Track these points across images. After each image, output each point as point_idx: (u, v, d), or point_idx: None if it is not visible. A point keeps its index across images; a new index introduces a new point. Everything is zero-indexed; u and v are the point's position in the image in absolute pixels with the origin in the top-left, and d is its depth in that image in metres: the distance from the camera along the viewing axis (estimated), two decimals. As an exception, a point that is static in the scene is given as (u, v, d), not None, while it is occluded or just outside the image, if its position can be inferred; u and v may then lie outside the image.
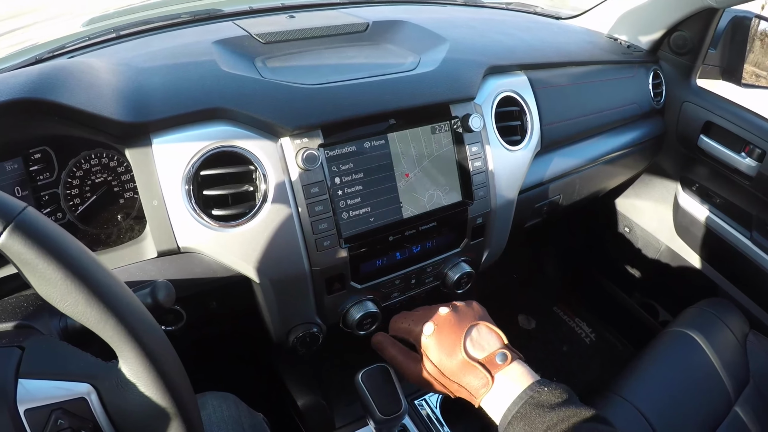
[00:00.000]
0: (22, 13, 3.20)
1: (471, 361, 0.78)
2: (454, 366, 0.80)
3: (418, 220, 1.08)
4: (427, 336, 0.84)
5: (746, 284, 1.72)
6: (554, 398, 0.73)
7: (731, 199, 1.69)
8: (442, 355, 0.81)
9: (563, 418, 0.70)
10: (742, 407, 1.33)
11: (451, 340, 0.81)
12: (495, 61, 1.24)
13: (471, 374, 0.78)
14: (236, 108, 0.93)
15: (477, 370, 0.78)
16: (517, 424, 0.73)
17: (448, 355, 0.80)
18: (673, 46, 1.68)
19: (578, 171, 1.48)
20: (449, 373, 0.80)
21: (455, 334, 0.81)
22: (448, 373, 0.80)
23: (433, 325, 0.84)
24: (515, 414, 0.74)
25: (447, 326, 0.83)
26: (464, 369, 0.79)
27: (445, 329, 0.83)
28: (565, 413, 0.71)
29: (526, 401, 0.74)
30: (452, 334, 0.82)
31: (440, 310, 0.86)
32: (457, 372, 0.79)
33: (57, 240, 0.53)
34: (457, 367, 0.79)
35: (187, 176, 0.91)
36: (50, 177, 0.94)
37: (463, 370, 0.79)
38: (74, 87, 0.87)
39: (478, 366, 0.78)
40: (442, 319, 0.85)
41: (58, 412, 0.56)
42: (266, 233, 0.94)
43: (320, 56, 1.18)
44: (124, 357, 0.56)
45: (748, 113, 1.57)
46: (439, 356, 0.81)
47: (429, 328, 0.84)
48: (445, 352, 0.81)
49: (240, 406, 1.04)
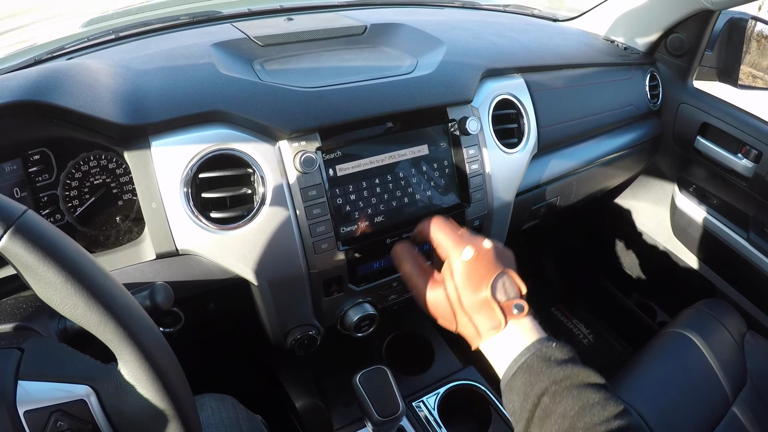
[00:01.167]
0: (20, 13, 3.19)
1: (492, 301, 0.77)
2: (475, 299, 0.78)
3: (415, 222, 1.07)
4: (464, 260, 0.80)
5: (743, 285, 1.73)
6: (561, 354, 0.72)
7: (728, 200, 1.70)
8: (468, 285, 0.78)
9: (568, 375, 0.70)
10: (740, 407, 1.34)
11: (483, 273, 0.78)
12: (492, 63, 1.24)
13: (487, 313, 0.77)
14: (234, 111, 0.93)
15: (494, 312, 0.76)
16: (522, 374, 0.72)
17: (475, 287, 0.78)
18: (669, 47, 1.69)
19: (575, 173, 1.48)
20: (467, 304, 0.78)
21: (488, 270, 0.79)
22: (465, 304, 0.78)
23: (473, 252, 0.80)
24: (521, 365, 0.73)
25: (485, 259, 0.80)
26: (483, 306, 0.77)
27: (482, 261, 0.79)
28: (570, 370, 0.70)
29: (533, 353, 0.73)
30: (486, 268, 0.79)
31: (485, 242, 0.82)
32: (475, 306, 0.78)
33: (57, 243, 0.53)
34: (477, 301, 0.77)
35: (186, 179, 0.91)
36: (49, 178, 0.95)
37: (481, 306, 0.77)
38: (73, 89, 0.87)
39: (496, 307, 0.76)
40: (484, 252, 0.80)
41: (57, 414, 0.56)
42: (264, 236, 0.95)
43: (318, 59, 1.18)
44: (123, 359, 0.56)
45: (745, 114, 1.58)
46: (464, 284, 0.79)
47: (469, 253, 0.80)
48: (472, 283, 0.78)
49: (238, 408, 1.05)
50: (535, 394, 0.70)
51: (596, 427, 0.65)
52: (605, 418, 0.66)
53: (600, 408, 0.67)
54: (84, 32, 1.37)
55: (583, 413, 0.66)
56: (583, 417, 0.66)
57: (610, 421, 0.66)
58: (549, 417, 0.68)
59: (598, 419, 0.66)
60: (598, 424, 0.65)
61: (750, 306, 1.71)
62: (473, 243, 0.81)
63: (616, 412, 0.67)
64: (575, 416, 0.66)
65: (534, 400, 0.70)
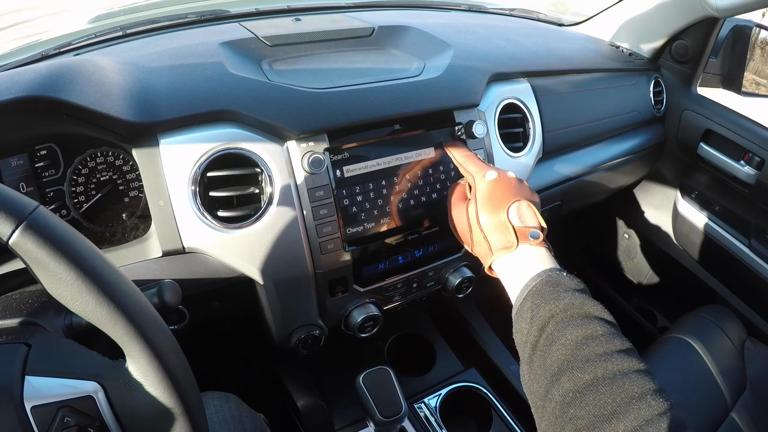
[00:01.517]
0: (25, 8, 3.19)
1: (508, 223, 0.80)
2: (491, 220, 0.82)
3: (421, 224, 1.09)
4: (487, 180, 0.86)
5: (744, 291, 1.73)
6: (572, 284, 0.73)
7: (730, 206, 1.70)
8: (487, 204, 0.83)
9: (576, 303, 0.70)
10: (739, 413, 1.34)
11: (502, 196, 0.83)
12: (499, 68, 1.24)
13: (500, 233, 0.80)
14: (243, 111, 0.94)
15: (508, 232, 0.80)
16: (530, 299, 0.73)
17: (493, 207, 0.82)
18: (674, 54, 1.69)
19: (579, 177, 1.48)
20: (483, 222, 0.82)
21: (508, 194, 0.83)
22: (482, 221, 0.83)
23: (496, 175, 0.86)
24: (531, 289, 0.74)
25: (506, 185, 0.85)
26: (498, 227, 0.81)
27: (503, 185, 0.85)
28: (578, 299, 0.70)
29: (543, 279, 0.74)
30: (506, 192, 0.84)
31: (509, 172, 0.89)
32: (490, 226, 0.82)
33: (68, 239, 0.53)
34: (492, 222, 0.82)
35: (194, 177, 0.91)
36: (55, 174, 0.95)
37: (496, 227, 0.81)
38: (83, 86, 0.87)
39: (510, 229, 0.79)
40: (506, 177, 0.87)
41: (65, 410, 0.56)
42: (271, 235, 0.95)
43: (326, 60, 1.18)
44: (133, 356, 0.56)
45: (748, 121, 1.58)
46: (484, 203, 0.84)
47: (491, 174, 0.87)
48: (492, 203, 0.83)
49: (241, 407, 1.05)
50: (541, 320, 0.70)
51: (598, 358, 0.64)
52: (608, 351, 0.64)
53: (604, 340, 0.66)
54: (91, 28, 1.38)
55: (586, 343, 0.66)
56: (585, 347, 0.65)
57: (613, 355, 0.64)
58: (552, 345, 0.68)
59: (601, 351, 0.65)
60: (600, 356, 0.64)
61: (750, 312, 1.71)
62: (498, 169, 0.89)
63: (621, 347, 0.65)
64: (577, 346, 0.66)
65: (539, 326, 0.70)
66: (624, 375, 0.62)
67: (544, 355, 0.68)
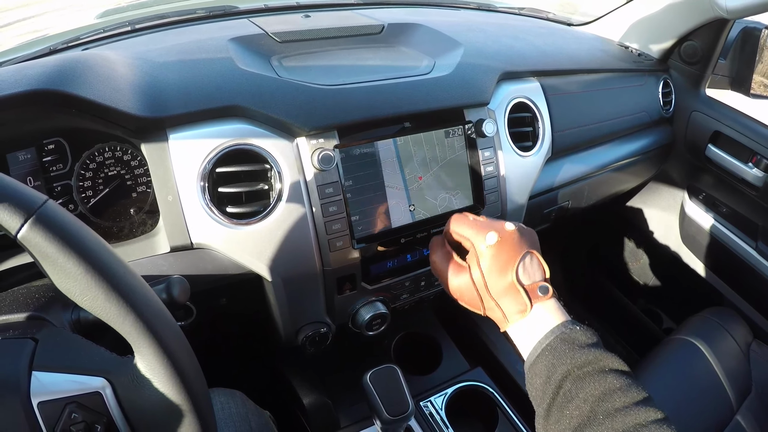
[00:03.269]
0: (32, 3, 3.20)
1: (518, 285, 0.77)
2: (500, 284, 0.78)
3: (430, 223, 1.08)
4: (488, 245, 0.80)
5: (750, 294, 1.72)
6: (585, 338, 0.72)
7: (737, 208, 1.69)
8: (493, 270, 0.78)
9: (591, 360, 0.69)
10: (744, 416, 1.34)
11: (508, 257, 0.78)
12: (509, 66, 1.24)
13: (513, 297, 0.77)
14: (253, 107, 0.93)
15: (519, 295, 0.77)
16: (545, 357, 0.72)
17: (500, 272, 0.78)
18: (683, 55, 1.68)
19: (587, 177, 1.48)
20: (493, 289, 0.79)
21: (513, 253, 0.79)
22: (491, 288, 0.79)
23: (496, 237, 0.80)
24: (545, 347, 0.73)
25: (509, 243, 0.80)
26: (509, 290, 0.77)
27: (506, 245, 0.80)
28: (593, 354, 0.70)
29: (557, 336, 0.73)
30: (511, 251, 0.79)
31: (506, 224, 0.83)
32: (501, 291, 0.78)
33: (78, 234, 0.53)
34: (503, 285, 0.78)
35: (203, 173, 0.91)
36: (63, 168, 0.94)
37: (507, 290, 0.78)
38: (92, 80, 0.87)
39: (522, 291, 0.77)
40: (507, 234, 0.81)
41: (72, 406, 0.56)
42: (280, 232, 0.95)
43: (336, 57, 1.18)
44: (141, 353, 0.56)
45: (756, 124, 1.57)
46: (490, 269, 0.79)
47: (492, 238, 0.80)
48: (498, 267, 0.78)
49: (247, 404, 1.05)
50: (557, 377, 0.69)
51: (617, 412, 0.64)
52: (626, 404, 0.65)
53: (621, 394, 0.66)
54: (99, 23, 1.37)
55: (605, 399, 0.66)
56: (605, 402, 0.65)
57: (631, 408, 0.64)
58: (570, 402, 0.67)
59: (620, 405, 0.65)
60: (619, 410, 0.64)
61: (756, 315, 1.70)
62: (495, 228, 0.82)
63: (638, 398, 0.65)
64: (596, 402, 0.66)
65: (556, 383, 0.69)
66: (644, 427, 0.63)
67: (561, 411, 0.68)
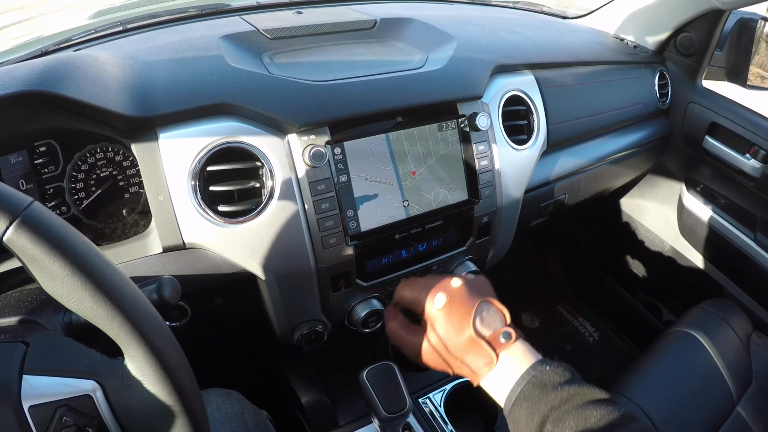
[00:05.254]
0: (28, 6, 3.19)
1: (478, 338, 0.74)
2: (460, 342, 0.75)
3: (425, 218, 1.08)
4: (437, 309, 0.79)
5: (750, 285, 1.72)
6: (557, 377, 0.71)
7: (736, 200, 1.69)
8: (449, 330, 0.76)
9: (566, 397, 0.68)
10: (745, 408, 1.33)
11: (461, 314, 0.76)
12: (502, 60, 1.23)
13: (476, 352, 0.75)
14: (243, 104, 0.93)
15: (482, 348, 0.74)
16: (520, 405, 0.70)
17: (456, 331, 0.76)
18: (679, 47, 1.68)
19: (584, 170, 1.47)
20: (454, 349, 0.76)
21: (465, 309, 0.76)
22: (452, 349, 0.76)
23: (445, 298, 0.78)
24: (518, 395, 0.71)
25: (458, 300, 0.78)
26: (470, 346, 0.75)
27: (456, 303, 0.77)
28: (568, 392, 0.68)
29: (528, 381, 0.71)
30: (462, 308, 0.76)
31: (452, 281, 0.80)
32: (462, 348, 0.75)
33: (64, 236, 0.52)
34: (463, 343, 0.75)
35: (194, 172, 0.90)
36: (55, 170, 0.94)
37: (468, 346, 0.75)
38: (81, 80, 0.86)
39: (483, 343, 0.74)
40: (455, 292, 0.79)
41: (63, 409, 0.55)
42: (272, 230, 0.94)
43: (328, 53, 1.17)
44: (131, 354, 0.55)
45: (754, 115, 1.57)
46: (446, 331, 0.77)
47: (441, 300, 0.78)
48: (453, 327, 0.76)
49: (244, 404, 1.04)
50: (536, 423, 0.68)
51: None
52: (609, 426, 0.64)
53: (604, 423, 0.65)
54: (91, 24, 1.36)
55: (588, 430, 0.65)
56: None
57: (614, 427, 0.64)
58: None
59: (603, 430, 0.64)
60: None
61: (756, 306, 1.70)
62: (442, 288, 0.80)
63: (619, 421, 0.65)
64: None
65: (536, 428, 0.68)
66: None
67: None
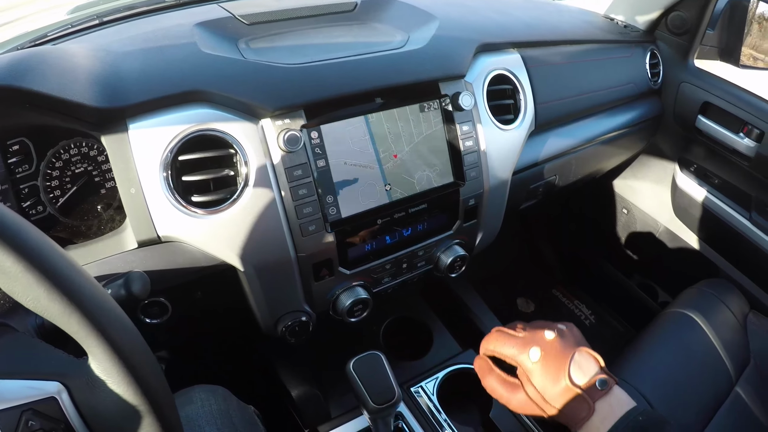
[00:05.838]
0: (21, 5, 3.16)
1: (574, 388, 0.78)
2: (557, 392, 0.79)
3: (408, 202, 1.06)
4: (533, 362, 0.82)
5: (746, 265, 1.71)
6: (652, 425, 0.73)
7: (730, 179, 1.68)
8: (546, 382, 0.80)
9: None
10: (743, 388, 1.33)
11: (557, 366, 0.80)
12: (487, 38, 1.21)
13: (573, 401, 0.78)
14: (215, 90, 0.90)
15: (579, 397, 0.77)
16: None
17: (553, 382, 0.79)
18: (670, 26, 1.66)
19: (574, 151, 1.46)
20: (551, 399, 0.79)
21: (561, 361, 0.80)
22: (549, 399, 0.79)
23: (539, 351, 0.82)
24: None
25: (553, 352, 0.82)
26: (566, 395, 0.78)
27: (551, 355, 0.82)
28: None
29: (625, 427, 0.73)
30: (557, 360, 0.81)
31: (546, 334, 0.85)
32: (559, 398, 0.79)
33: (15, 230, 0.49)
34: (560, 393, 0.79)
35: (165, 162, 0.88)
36: (29, 169, 0.91)
37: (565, 395, 0.78)
38: (47, 73, 0.83)
39: (580, 392, 0.77)
40: (549, 345, 0.83)
41: (28, 413, 0.53)
42: (248, 219, 0.92)
43: (306, 36, 1.15)
44: (93, 353, 0.53)
45: (747, 94, 1.55)
46: (543, 382, 0.80)
47: (536, 354, 0.82)
48: (550, 378, 0.80)
49: (229, 400, 1.02)
50: None
51: None
52: None
53: None
54: (68, 19, 1.34)
55: None
56: None
57: None
58: None
59: None
60: None
61: (752, 286, 1.69)
62: (536, 341, 0.84)
63: None
64: None
65: None
66: None
67: None
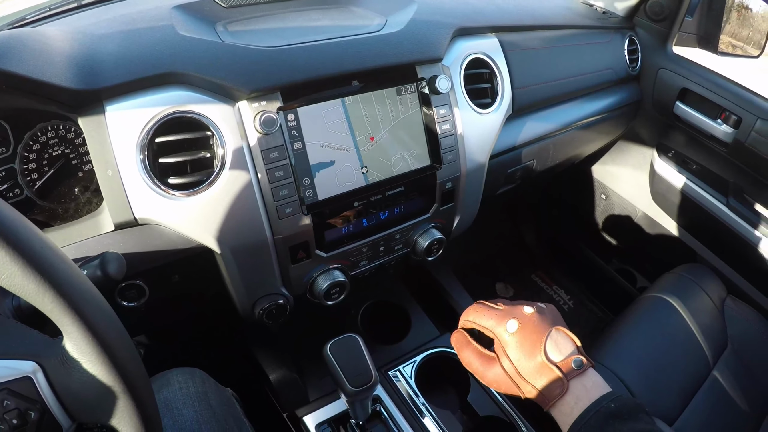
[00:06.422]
0: (2, 0, 3.11)
1: (549, 364, 0.77)
2: (531, 367, 0.78)
3: (385, 185, 1.06)
4: (510, 333, 0.81)
5: (723, 250, 1.73)
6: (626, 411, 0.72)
7: (707, 165, 1.69)
8: (521, 355, 0.79)
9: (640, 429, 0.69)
10: (721, 371, 1.35)
11: (533, 340, 0.79)
12: (464, 22, 1.21)
13: (547, 377, 0.77)
14: (191, 71, 0.90)
15: (554, 374, 0.77)
16: None
17: (528, 356, 0.79)
18: (649, 12, 1.67)
19: (552, 136, 1.47)
20: (525, 374, 0.79)
21: (537, 335, 0.80)
22: (524, 374, 0.79)
23: (517, 323, 0.81)
24: (585, 424, 0.73)
25: (530, 326, 0.81)
26: (541, 371, 0.78)
27: (528, 328, 0.81)
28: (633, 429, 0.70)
29: (596, 413, 0.73)
30: (534, 334, 0.80)
31: (524, 308, 0.84)
32: (534, 374, 0.78)
33: None
34: (534, 368, 0.78)
35: (141, 144, 0.87)
36: (6, 152, 0.91)
37: (540, 372, 0.78)
38: (24, 55, 0.82)
39: (555, 369, 0.77)
40: (527, 318, 0.82)
41: (3, 393, 0.53)
42: (225, 201, 0.92)
43: (284, 19, 1.15)
44: (67, 332, 0.53)
45: (725, 80, 1.57)
46: (518, 355, 0.80)
47: (513, 325, 0.82)
48: (525, 351, 0.79)
49: (207, 382, 1.02)
50: None
51: None
52: None
53: None
54: (46, 2, 1.32)
55: None
56: None
57: None
58: None
59: None
60: None
61: (730, 271, 1.71)
62: (514, 314, 0.83)
63: None
64: None
65: None
66: None
67: None
